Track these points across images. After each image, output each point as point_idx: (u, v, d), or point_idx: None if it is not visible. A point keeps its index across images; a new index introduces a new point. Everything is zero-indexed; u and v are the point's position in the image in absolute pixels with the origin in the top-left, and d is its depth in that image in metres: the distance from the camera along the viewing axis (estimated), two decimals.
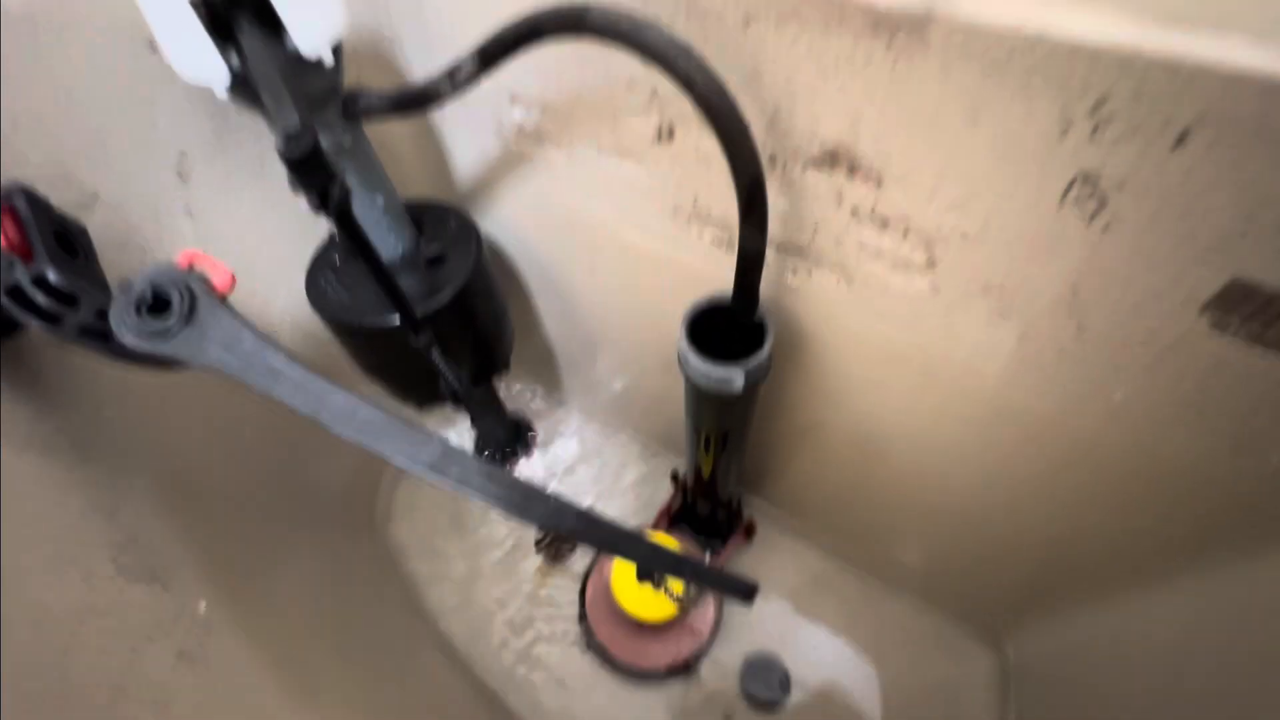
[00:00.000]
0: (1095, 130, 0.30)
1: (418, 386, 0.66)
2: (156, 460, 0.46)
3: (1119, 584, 0.55)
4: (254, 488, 0.61)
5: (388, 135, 0.52)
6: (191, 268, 0.37)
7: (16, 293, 0.35)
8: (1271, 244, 0.29)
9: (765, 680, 0.78)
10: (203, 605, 0.38)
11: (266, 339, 0.37)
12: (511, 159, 0.58)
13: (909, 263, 0.42)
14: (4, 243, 0.35)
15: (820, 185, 0.41)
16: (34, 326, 0.35)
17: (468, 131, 0.58)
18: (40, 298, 0.35)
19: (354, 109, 0.48)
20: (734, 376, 0.48)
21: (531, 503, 0.34)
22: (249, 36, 0.39)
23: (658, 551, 0.36)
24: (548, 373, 0.97)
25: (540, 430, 0.99)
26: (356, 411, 0.35)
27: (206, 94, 0.51)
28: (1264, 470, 0.38)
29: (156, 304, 0.36)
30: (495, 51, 0.40)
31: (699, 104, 0.34)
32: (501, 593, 0.85)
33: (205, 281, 0.37)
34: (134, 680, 0.29)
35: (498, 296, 0.65)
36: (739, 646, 0.80)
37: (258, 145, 0.56)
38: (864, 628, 0.80)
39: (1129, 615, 0.55)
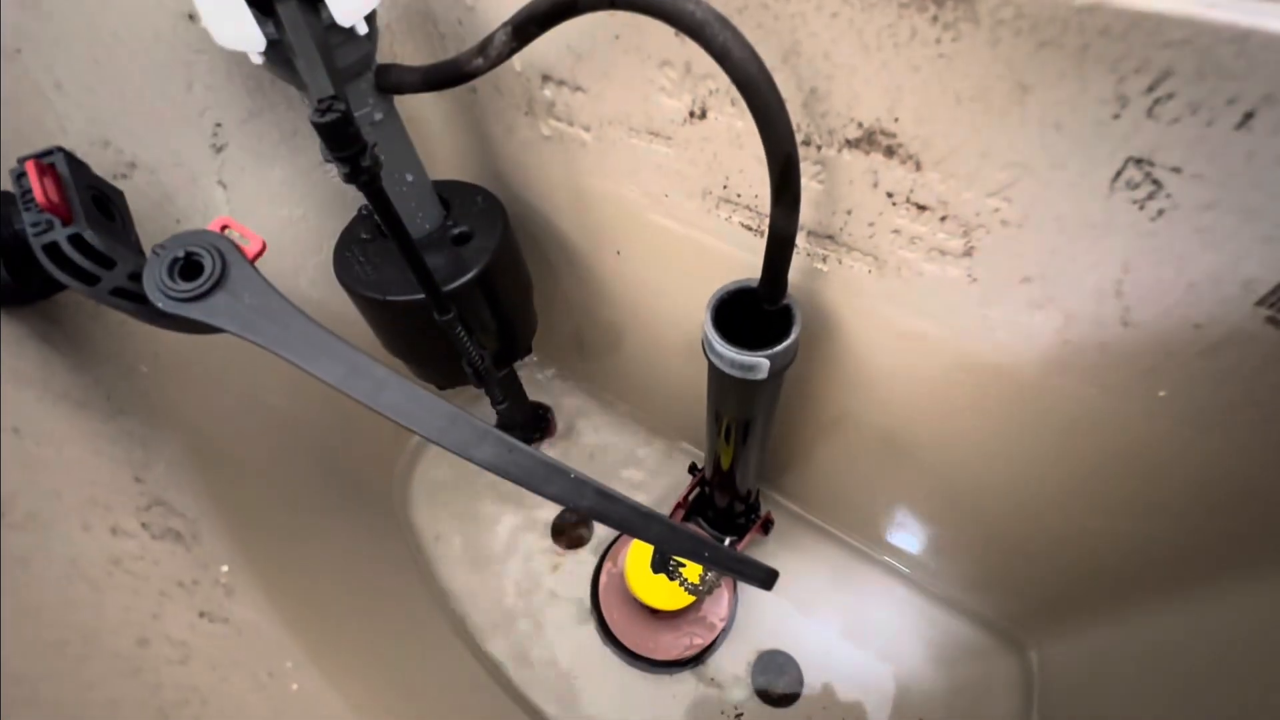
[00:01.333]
0: (1152, 110, 0.29)
1: (440, 366, 0.66)
2: (186, 423, 0.47)
3: (1149, 593, 0.53)
4: (278, 459, 0.62)
5: (418, 114, 0.53)
6: (224, 233, 0.38)
7: (54, 251, 0.35)
8: None
9: (778, 677, 0.77)
10: (225, 569, 0.38)
11: (296, 308, 0.37)
12: (541, 140, 0.57)
13: (945, 250, 0.41)
14: (44, 202, 0.35)
15: (856, 168, 0.40)
16: (72, 286, 0.36)
17: (498, 111, 0.58)
18: (77, 257, 0.36)
19: (386, 82, 0.48)
20: (759, 364, 0.47)
21: (552, 476, 0.34)
22: (286, 5, 0.40)
23: (676, 532, 0.36)
24: (569, 359, 0.97)
25: (559, 417, 0.99)
26: (387, 384, 0.35)
27: (243, 67, 0.52)
28: None
29: (189, 268, 0.37)
30: (529, 25, 0.40)
31: (734, 76, 0.33)
32: (514, 578, 0.85)
33: (237, 247, 0.37)
34: (156, 633, 0.29)
35: (523, 277, 0.65)
36: (752, 642, 0.79)
37: (291, 119, 0.57)
38: (882, 628, 0.78)
39: (1158, 626, 0.53)
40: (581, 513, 0.33)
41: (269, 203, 0.59)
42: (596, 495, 0.34)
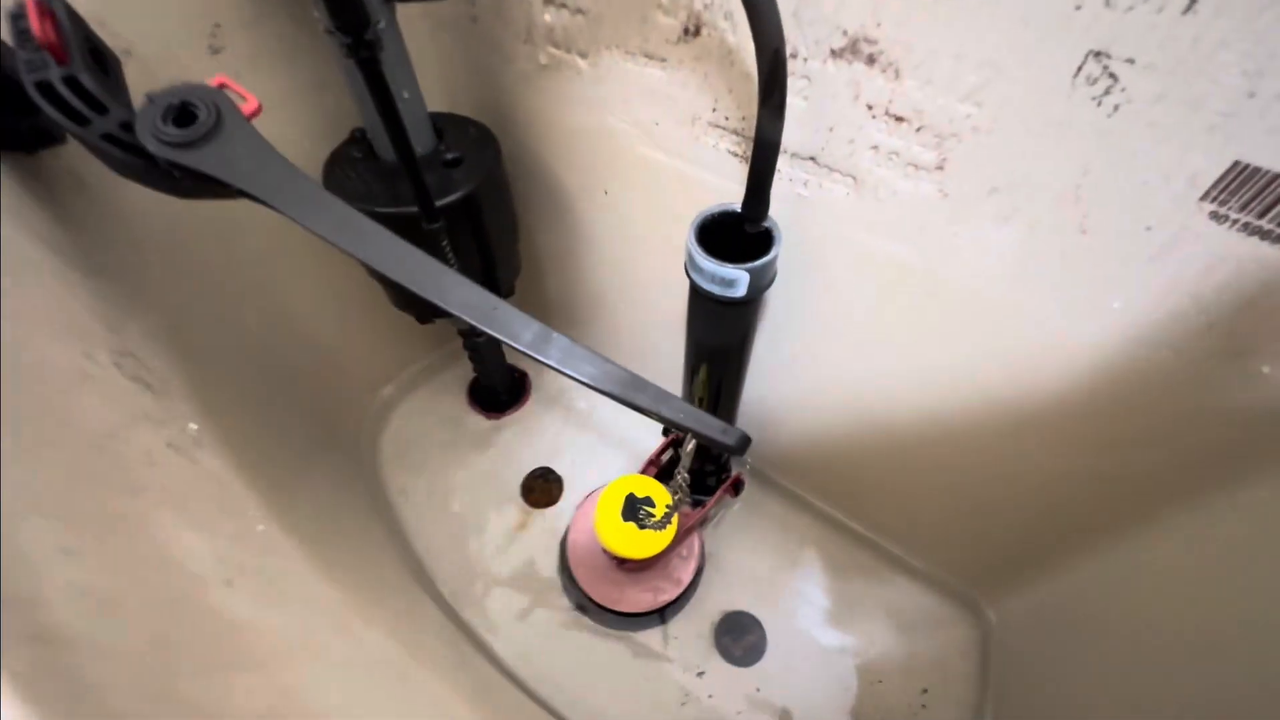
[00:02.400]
0: (1109, 0, 0.31)
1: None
2: (161, 307, 0.47)
3: (1105, 531, 0.55)
4: (247, 377, 0.61)
5: (416, 46, 0.54)
6: (222, 89, 0.38)
7: (47, 88, 0.35)
8: (1275, 114, 0.30)
9: (740, 636, 0.77)
10: (193, 427, 0.38)
11: (292, 165, 0.37)
12: (538, 70, 0.59)
13: (919, 164, 0.43)
14: (40, 40, 0.35)
15: (839, 80, 0.42)
16: (62, 125, 0.36)
17: (498, 40, 0.60)
18: (70, 97, 0.36)
19: None
20: (739, 277, 0.48)
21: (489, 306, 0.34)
22: None
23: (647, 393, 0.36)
24: (551, 322, 0.97)
25: (537, 387, 0.99)
26: (375, 236, 0.36)
27: None
28: (1255, 381, 0.39)
29: (183, 116, 0.37)
30: None
31: None
32: (481, 535, 0.84)
33: (232, 103, 0.38)
34: (122, 443, 0.29)
35: (509, 212, 0.66)
36: (718, 602, 0.79)
37: (291, 33, 0.57)
38: (844, 592, 0.79)
39: (1113, 563, 0.55)
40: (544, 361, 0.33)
41: (260, 116, 0.59)
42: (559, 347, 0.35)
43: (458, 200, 0.56)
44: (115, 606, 0.17)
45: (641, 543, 0.72)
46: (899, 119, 0.42)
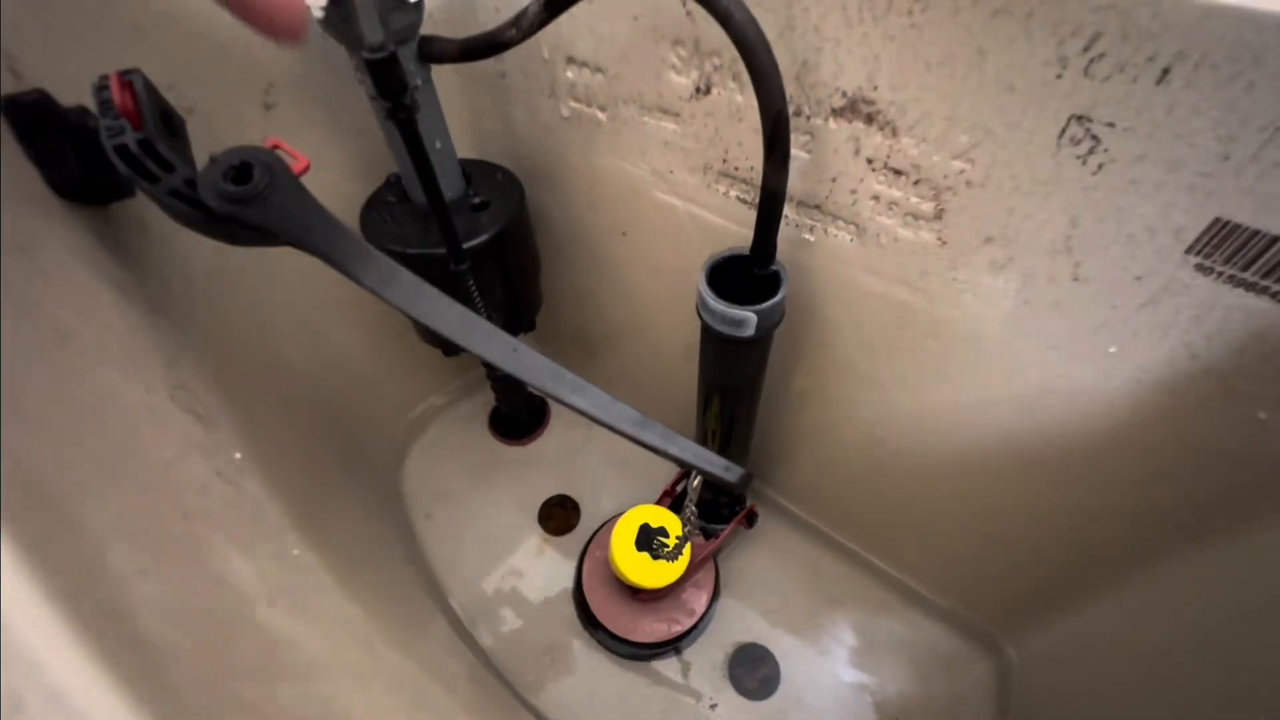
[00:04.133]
0: (1088, 69, 0.33)
1: None
2: (209, 343, 0.51)
3: (1121, 570, 0.55)
4: (286, 406, 0.65)
5: (450, 100, 0.58)
6: (274, 149, 0.42)
7: (124, 151, 0.40)
8: (1249, 177, 0.32)
9: (754, 670, 0.77)
10: (238, 455, 0.41)
11: (336, 218, 0.41)
12: (560, 122, 0.63)
13: (918, 213, 0.45)
14: (121, 109, 0.40)
15: (840, 136, 0.45)
16: (136, 183, 0.40)
17: (524, 94, 0.64)
18: (143, 158, 0.40)
19: (429, 51, 0.53)
20: (747, 318, 0.50)
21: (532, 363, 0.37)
22: None
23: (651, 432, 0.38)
24: (569, 354, 1.00)
25: (555, 414, 1.02)
26: (402, 281, 0.39)
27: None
28: (1252, 425, 0.40)
29: (241, 175, 0.41)
30: None
31: (734, 37, 0.39)
32: (499, 561, 0.86)
33: (284, 162, 0.42)
34: (180, 467, 0.32)
35: (532, 250, 0.70)
36: (731, 633, 0.80)
37: (335, 87, 0.62)
38: (860, 627, 0.79)
39: (1132, 602, 0.55)
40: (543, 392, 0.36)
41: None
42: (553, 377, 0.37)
43: (484, 242, 0.60)
44: (182, 620, 0.19)
45: (655, 573, 0.73)
46: (897, 172, 0.44)
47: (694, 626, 0.77)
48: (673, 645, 0.78)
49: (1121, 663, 0.55)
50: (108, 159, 0.40)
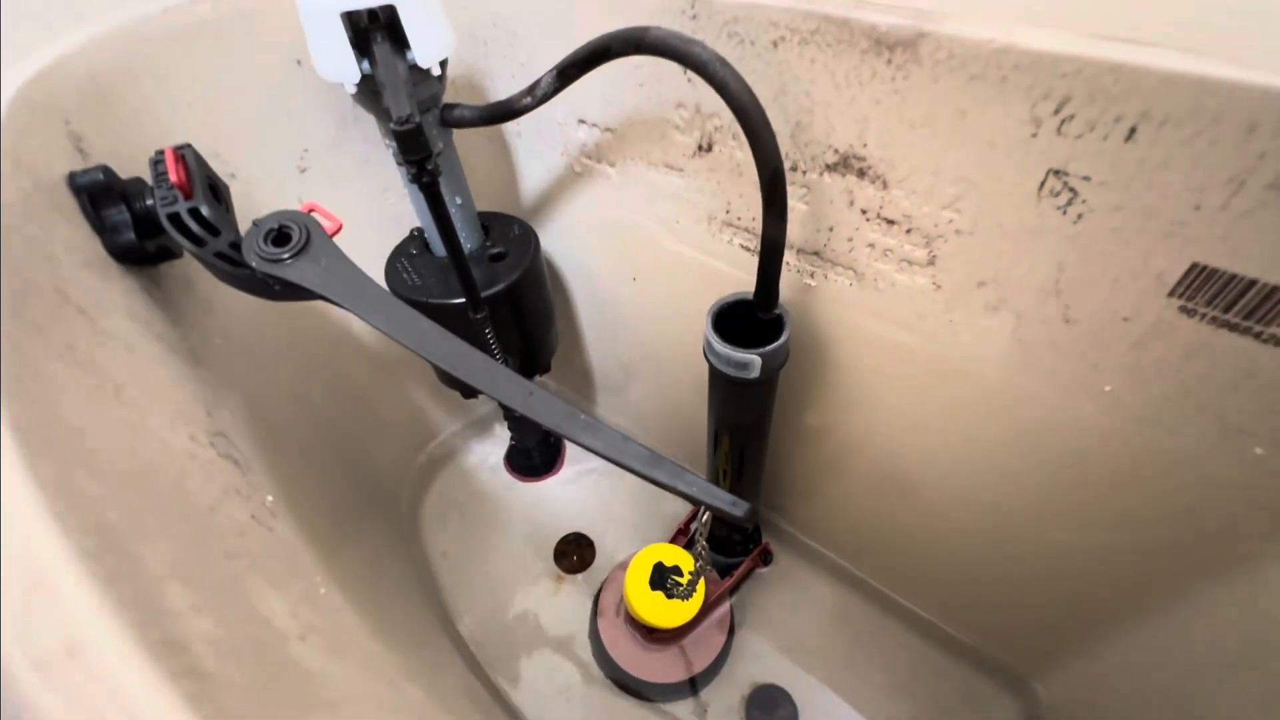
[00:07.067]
0: (1060, 128, 0.36)
1: None
2: (244, 391, 0.54)
3: (1140, 607, 0.55)
4: (312, 446, 0.68)
5: (470, 157, 0.62)
6: (310, 213, 0.46)
7: (176, 219, 0.44)
8: (1221, 225, 0.34)
9: (771, 712, 0.76)
10: (270, 498, 0.44)
11: (364, 274, 0.44)
12: (571, 177, 0.67)
13: (912, 260, 0.47)
14: (174, 181, 0.44)
15: (834, 189, 0.48)
16: (185, 247, 0.44)
17: (537, 151, 0.68)
18: (193, 225, 0.44)
19: (450, 117, 0.57)
20: (751, 360, 0.53)
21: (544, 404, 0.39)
22: (380, 47, 0.50)
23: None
24: (584, 392, 1.03)
25: (570, 453, 1.04)
26: (428, 332, 0.42)
27: (331, 105, 0.63)
28: (1252, 461, 0.40)
29: (280, 238, 0.45)
30: (570, 69, 0.50)
31: (731, 104, 0.42)
32: (515, 599, 0.87)
33: (319, 224, 0.45)
34: (220, 515, 0.34)
35: (547, 296, 0.73)
36: (747, 674, 0.79)
37: (364, 151, 0.67)
38: (882, 665, 0.78)
39: (1154, 639, 0.54)
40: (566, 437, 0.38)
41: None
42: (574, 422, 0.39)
43: (500, 291, 0.63)
44: (232, 653, 0.21)
45: (669, 612, 0.74)
46: (890, 221, 0.46)
47: (710, 666, 0.77)
48: (689, 684, 0.77)
49: (1152, 702, 0.54)
50: (161, 225, 0.44)
